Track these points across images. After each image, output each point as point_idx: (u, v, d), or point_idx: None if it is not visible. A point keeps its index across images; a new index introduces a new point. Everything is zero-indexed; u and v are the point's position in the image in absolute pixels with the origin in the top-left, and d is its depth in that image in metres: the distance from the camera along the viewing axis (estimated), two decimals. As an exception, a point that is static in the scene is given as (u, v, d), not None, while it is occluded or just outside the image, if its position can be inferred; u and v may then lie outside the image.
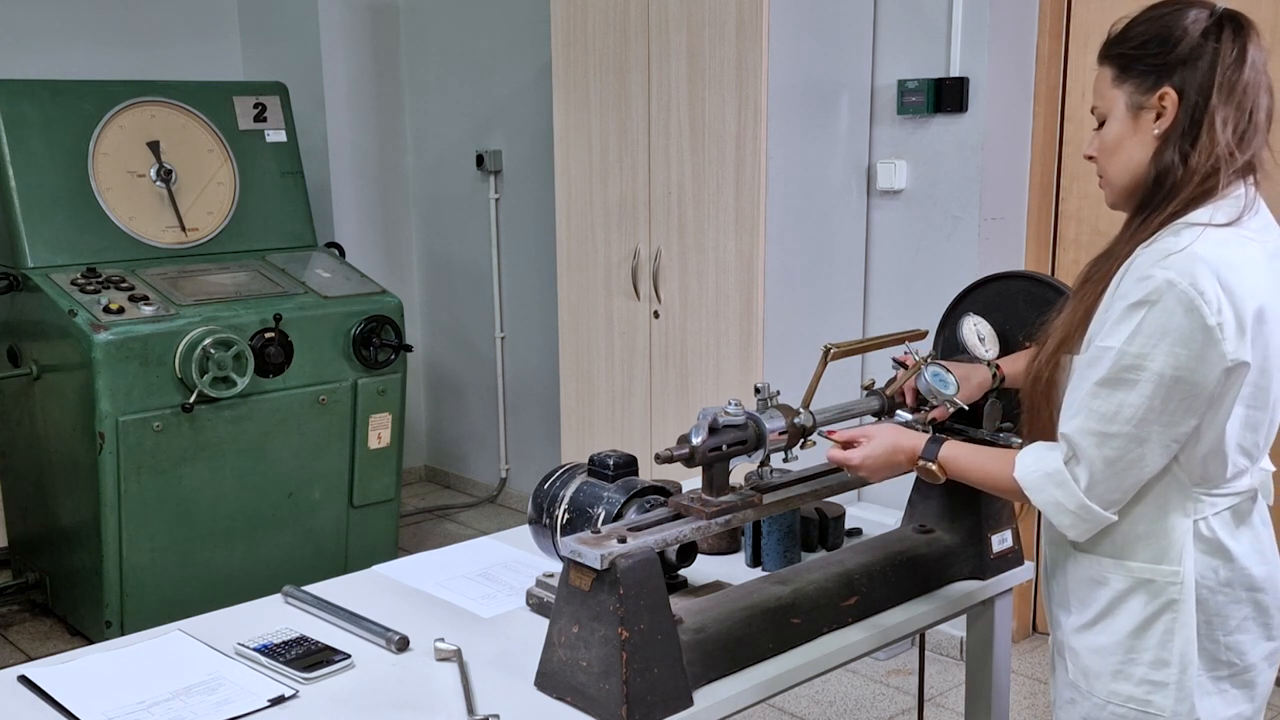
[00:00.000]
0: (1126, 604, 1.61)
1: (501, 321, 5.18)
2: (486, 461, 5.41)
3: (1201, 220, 1.53)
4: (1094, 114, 1.67)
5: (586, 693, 1.54)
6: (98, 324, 3.45)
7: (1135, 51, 1.60)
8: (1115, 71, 1.62)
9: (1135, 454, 1.52)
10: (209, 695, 1.61)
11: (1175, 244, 1.51)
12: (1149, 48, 1.59)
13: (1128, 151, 1.61)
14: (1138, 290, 1.51)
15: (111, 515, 3.54)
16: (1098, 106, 1.65)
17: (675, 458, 1.61)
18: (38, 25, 4.69)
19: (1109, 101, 1.63)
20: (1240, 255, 1.52)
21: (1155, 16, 1.61)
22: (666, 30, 3.48)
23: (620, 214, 3.73)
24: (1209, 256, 1.49)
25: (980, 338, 2.04)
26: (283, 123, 4.29)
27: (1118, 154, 1.62)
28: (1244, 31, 1.57)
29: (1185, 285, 1.47)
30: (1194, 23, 1.56)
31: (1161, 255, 1.51)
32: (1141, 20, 1.62)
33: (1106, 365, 1.52)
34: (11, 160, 3.72)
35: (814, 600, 1.81)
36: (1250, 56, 1.56)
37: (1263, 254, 1.56)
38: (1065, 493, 1.56)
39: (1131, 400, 1.50)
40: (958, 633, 3.52)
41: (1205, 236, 1.51)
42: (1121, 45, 1.62)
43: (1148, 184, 1.59)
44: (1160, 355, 1.48)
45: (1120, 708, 1.62)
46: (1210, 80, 1.55)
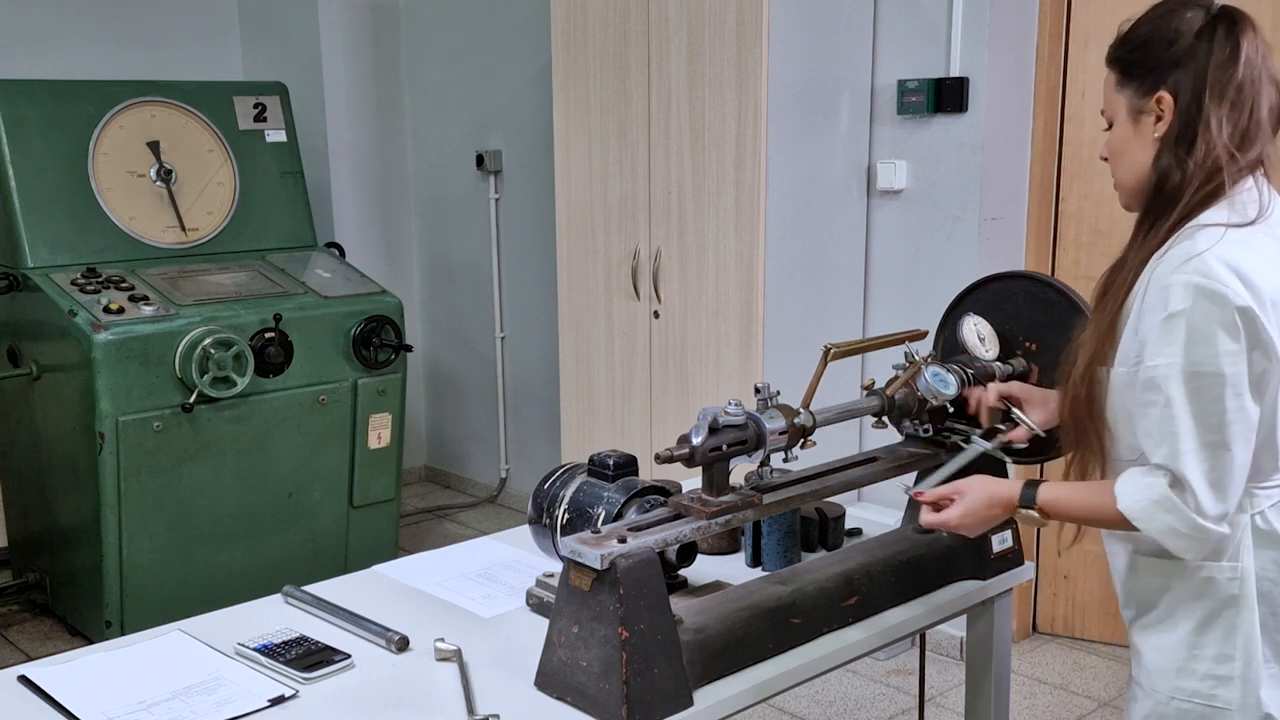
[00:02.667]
0: (1188, 603, 1.63)
1: (501, 321, 5.18)
2: (486, 461, 5.41)
3: (1218, 221, 1.53)
4: (1103, 116, 1.68)
5: (586, 693, 1.54)
6: (98, 324, 3.45)
7: (1134, 55, 1.60)
8: (1118, 75, 1.63)
9: (1229, 461, 1.52)
10: (209, 695, 1.61)
11: (1191, 249, 1.52)
12: (1146, 51, 1.59)
13: (1132, 155, 1.62)
14: (1166, 302, 1.51)
15: (111, 515, 3.54)
16: (1105, 109, 1.66)
17: (675, 458, 1.61)
18: (38, 25, 4.69)
19: (1114, 105, 1.64)
20: (1258, 253, 1.52)
21: (1153, 17, 1.60)
22: (666, 30, 3.48)
23: (620, 214, 3.73)
24: (1226, 256, 1.50)
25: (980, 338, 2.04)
26: (283, 123, 4.29)
27: (1123, 157, 1.64)
28: (1237, 28, 1.55)
29: (1204, 281, 1.48)
30: (1189, 23, 1.56)
31: (1180, 261, 1.52)
32: (1142, 22, 1.62)
33: (1174, 384, 1.51)
34: (11, 160, 3.72)
35: (814, 600, 1.81)
36: (1244, 53, 1.54)
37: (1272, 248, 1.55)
38: (1177, 517, 1.53)
39: (1209, 409, 1.50)
40: (958, 633, 3.52)
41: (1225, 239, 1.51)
42: (1123, 49, 1.62)
43: (1151, 188, 1.60)
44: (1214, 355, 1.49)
45: (1185, 703, 1.63)
46: (1202, 81, 1.54)
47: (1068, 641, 3.79)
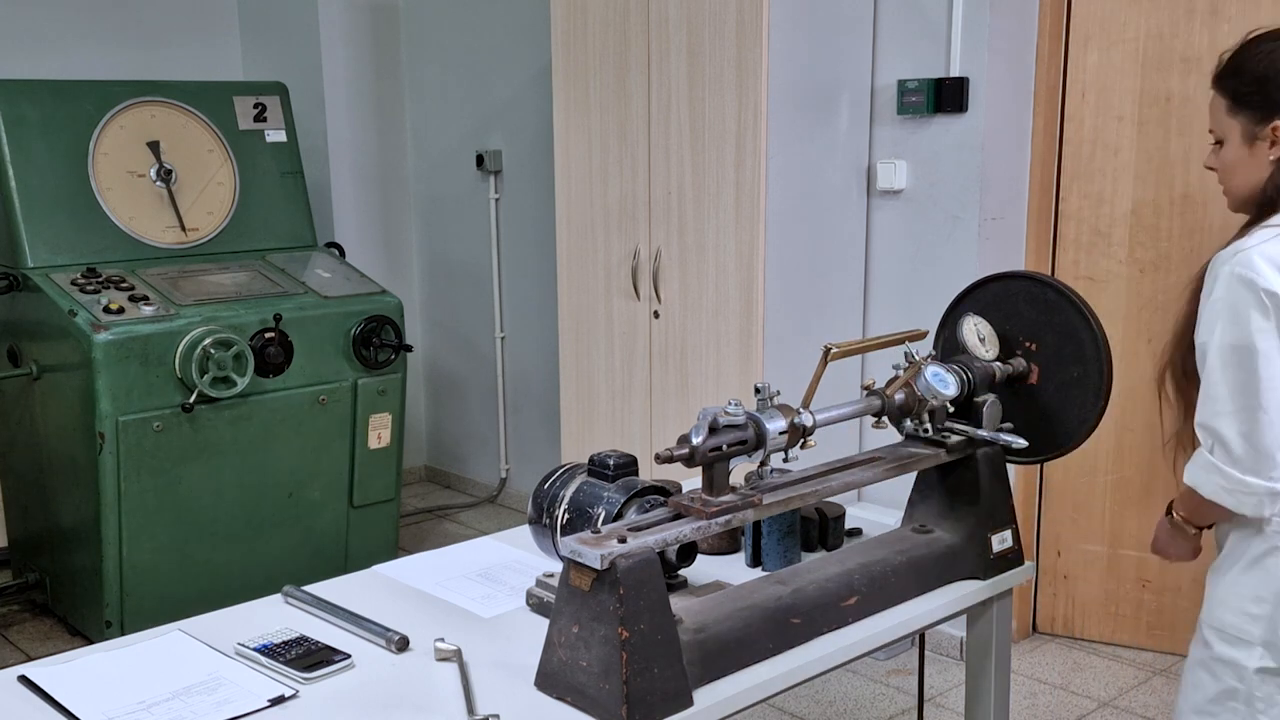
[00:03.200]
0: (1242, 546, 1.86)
1: (501, 321, 5.18)
2: (486, 461, 5.41)
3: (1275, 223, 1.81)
4: (1211, 134, 1.93)
5: (586, 693, 1.54)
6: (98, 324, 3.45)
7: (1247, 89, 1.86)
8: (1229, 103, 1.88)
9: (1264, 422, 1.74)
10: (209, 695, 1.61)
11: (1243, 244, 1.79)
12: (1260, 85, 1.85)
13: (1245, 173, 1.88)
14: (1213, 288, 1.79)
15: (111, 515, 3.54)
16: (1215, 129, 1.92)
17: (675, 458, 1.61)
18: (38, 25, 4.69)
19: (1225, 128, 1.89)
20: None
21: (1263, 53, 1.88)
22: (666, 30, 3.48)
23: (620, 214, 3.73)
24: (1268, 251, 1.76)
25: (980, 338, 2.04)
26: (283, 123, 4.29)
27: (1236, 173, 1.90)
28: None
29: (1241, 270, 1.75)
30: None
31: (1231, 254, 1.79)
32: (1251, 55, 1.89)
33: (1207, 355, 1.78)
34: (11, 160, 3.72)
35: (814, 600, 1.81)
36: None
37: None
38: (1221, 475, 1.77)
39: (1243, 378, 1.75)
40: (958, 633, 3.52)
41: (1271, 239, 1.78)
42: (1235, 80, 1.88)
43: (1265, 198, 1.85)
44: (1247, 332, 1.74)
45: (1220, 633, 1.90)
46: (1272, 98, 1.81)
47: (1068, 641, 3.79)
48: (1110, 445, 3.63)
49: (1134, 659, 3.66)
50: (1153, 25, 3.41)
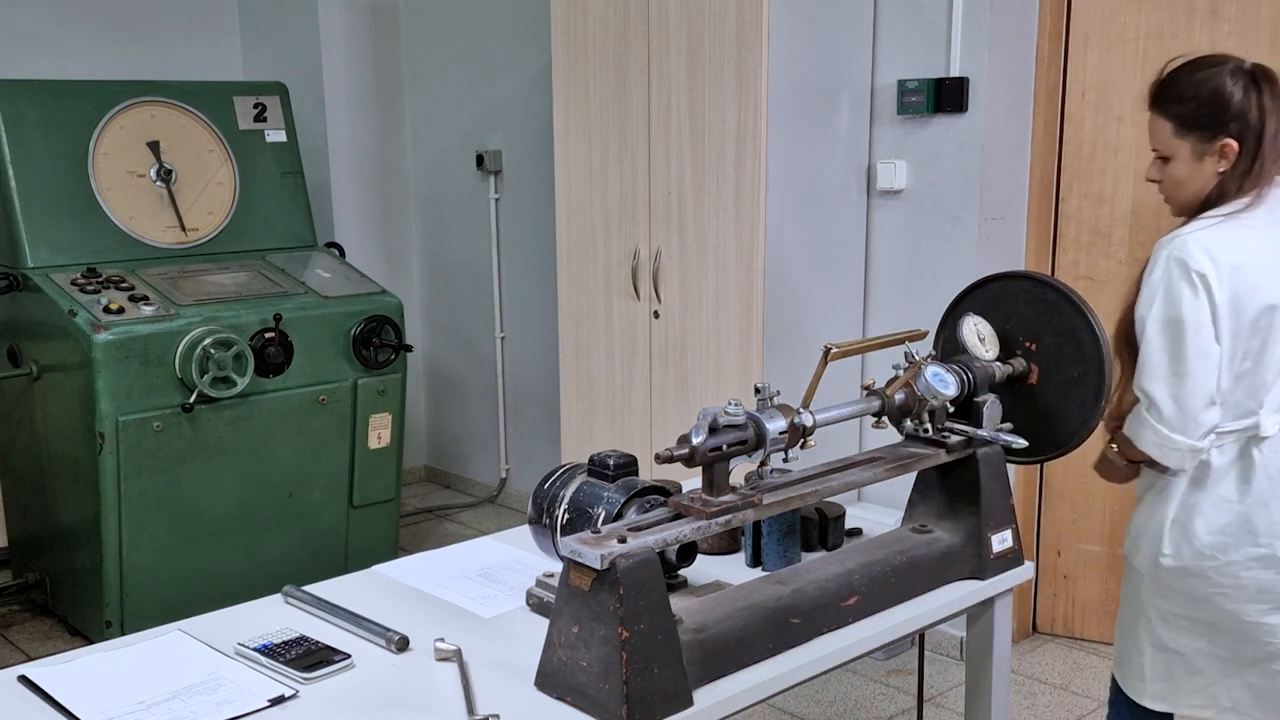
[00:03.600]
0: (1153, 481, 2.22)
1: (501, 321, 5.18)
2: (486, 461, 5.41)
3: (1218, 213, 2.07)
4: (1155, 151, 2.16)
5: (586, 693, 1.54)
6: (98, 324, 3.45)
7: (1194, 114, 2.09)
8: (1175, 126, 2.11)
9: (1190, 386, 2.02)
10: (209, 695, 1.61)
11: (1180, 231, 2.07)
12: (1205, 109, 2.08)
13: (1194, 185, 2.13)
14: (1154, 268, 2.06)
15: (111, 515, 3.54)
16: (1160, 149, 2.14)
17: (675, 458, 1.61)
18: (38, 25, 4.69)
19: (1172, 148, 2.13)
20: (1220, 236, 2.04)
21: (1202, 80, 2.10)
22: (666, 30, 3.48)
23: (620, 214, 3.73)
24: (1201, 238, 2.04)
25: (980, 338, 2.04)
26: (283, 123, 4.29)
27: (1186, 186, 2.14)
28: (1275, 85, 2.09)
29: (1177, 253, 2.03)
30: (1235, 82, 2.07)
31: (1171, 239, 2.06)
32: (1189, 81, 2.11)
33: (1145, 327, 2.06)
34: (11, 160, 3.72)
35: (814, 600, 1.81)
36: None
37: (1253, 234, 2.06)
38: (1152, 431, 2.06)
39: (1166, 346, 2.04)
40: (958, 633, 3.52)
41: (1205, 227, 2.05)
42: (1180, 105, 2.10)
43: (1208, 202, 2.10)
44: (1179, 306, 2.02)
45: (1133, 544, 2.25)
46: (1261, 127, 2.06)
47: (1068, 641, 3.79)
48: (1110, 445, 3.63)
49: (1134, 659, 3.66)
50: (1153, 25, 3.41)
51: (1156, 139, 2.15)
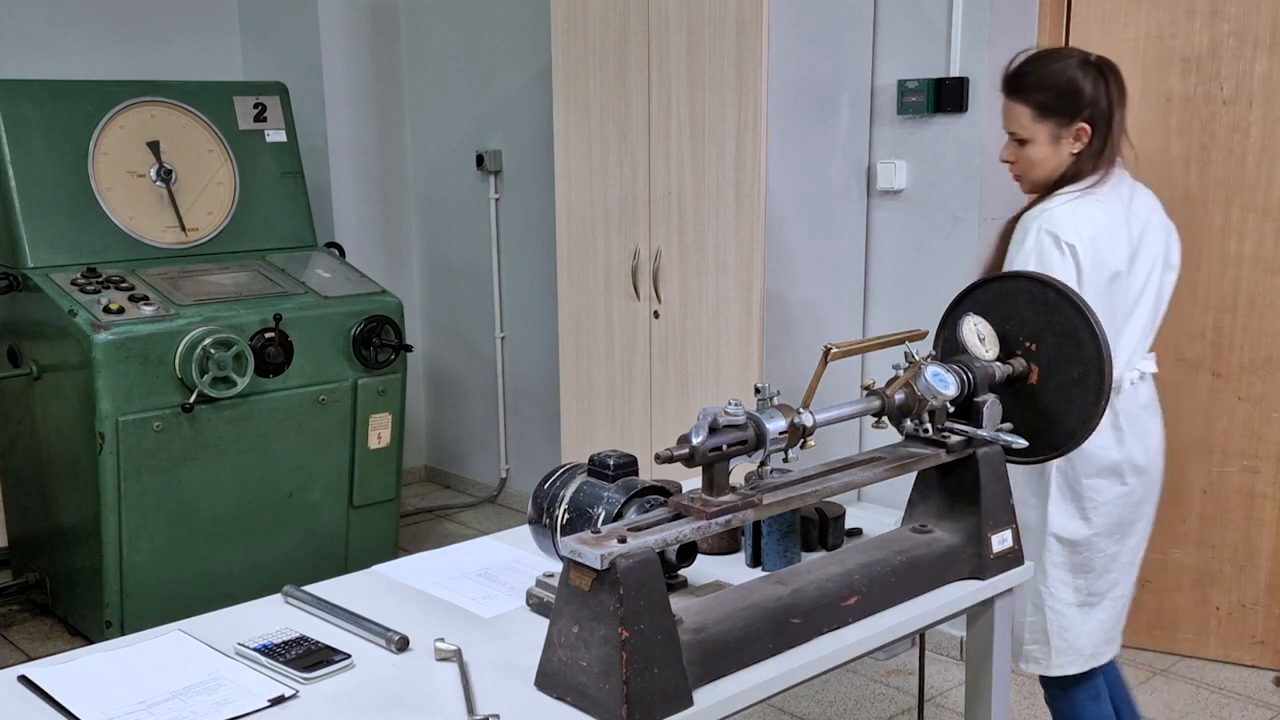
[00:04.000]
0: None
1: (501, 321, 5.18)
2: (486, 461, 5.41)
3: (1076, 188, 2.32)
4: (1013, 135, 2.38)
5: (586, 693, 1.54)
6: (98, 324, 3.45)
7: (1053, 101, 2.32)
8: (1035, 112, 2.34)
9: None
10: (209, 695, 1.61)
11: (1047, 205, 2.30)
12: (1062, 97, 2.31)
13: (1050, 165, 2.36)
14: (1025, 237, 2.29)
15: (111, 515, 3.54)
16: (1018, 131, 2.37)
17: (675, 458, 1.61)
18: (38, 25, 4.69)
19: (1032, 132, 2.35)
20: (1082, 210, 2.29)
21: (1059, 70, 2.33)
22: (666, 30, 3.48)
23: (620, 214, 3.73)
24: (1066, 210, 2.28)
25: (980, 338, 2.04)
26: (283, 123, 4.29)
27: (1041, 167, 2.37)
28: (1118, 74, 2.37)
29: (1048, 225, 2.26)
30: (1086, 73, 2.32)
31: (1039, 212, 2.30)
32: (1047, 71, 2.34)
33: None
34: (11, 160, 3.72)
35: (814, 600, 1.81)
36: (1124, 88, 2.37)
37: (1103, 208, 2.31)
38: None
39: None
40: (958, 633, 3.52)
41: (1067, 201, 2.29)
42: (1040, 94, 2.33)
43: (1061, 179, 2.34)
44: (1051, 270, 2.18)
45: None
46: (1110, 113, 2.33)
47: (1068, 641, 3.79)
48: (1110, 445, 3.63)
49: (1134, 659, 3.66)
50: (1153, 25, 3.41)
51: (1015, 123, 2.37)
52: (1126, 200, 2.39)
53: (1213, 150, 3.41)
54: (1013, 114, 2.38)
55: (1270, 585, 3.53)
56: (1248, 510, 3.52)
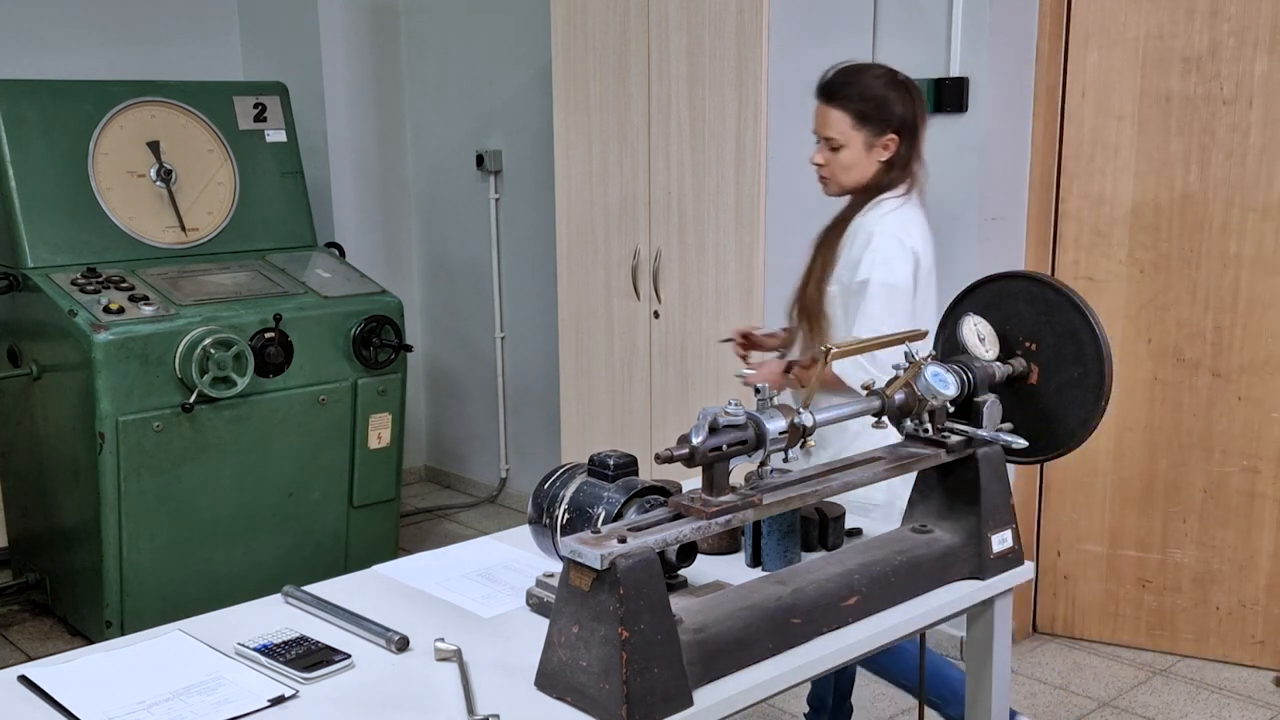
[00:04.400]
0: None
1: (501, 321, 5.18)
2: (486, 461, 5.41)
3: (896, 196, 2.55)
4: (827, 141, 2.54)
5: (586, 693, 1.54)
6: (98, 324, 3.45)
7: (870, 110, 2.50)
8: (853, 119, 2.51)
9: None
10: (209, 695, 1.61)
11: (885, 209, 2.53)
12: (879, 106, 2.50)
13: (859, 171, 2.56)
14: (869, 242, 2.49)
15: (111, 515, 3.54)
16: (835, 137, 2.53)
17: (675, 458, 1.61)
18: (38, 25, 4.69)
19: (847, 138, 2.53)
20: (910, 216, 2.55)
21: (875, 83, 2.52)
22: (666, 30, 3.48)
23: (620, 214, 3.73)
24: (902, 218, 2.53)
25: (980, 338, 2.04)
26: (283, 123, 4.29)
27: (852, 172, 2.56)
28: (921, 93, 2.58)
29: (895, 230, 2.50)
30: (897, 89, 2.52)
31: (878, 219, 2.51)
32: (866, 83, 2.52)
33: (867, 290, 2.47)
34: (11, 160, 3.72)
35: (814, 600, 1.81)
36: (926, 104, 2.58)
37: (921, 215, 2.59)
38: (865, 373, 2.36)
39: (888, 306, 2.47)
40: (958, 633, 3.52)
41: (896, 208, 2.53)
42: (861, 103, 2.50)
43: (871, 186, 2.55)
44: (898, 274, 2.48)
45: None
46: (916, 126, 2.54)
47: (1068, 641, 3.79)
48: (1110, 445, 3.63)
49: (1134, 659, 3.66)
50: (1153, 25, 3.41)
51: (832, 128, 2.53)
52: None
53: (1213, 150, 3.41)
54: (830, 120, 2.53)
55: (1270, 585, 3.53)
56: (1248, 510, 3.52)
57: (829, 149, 2.56)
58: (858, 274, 2.49)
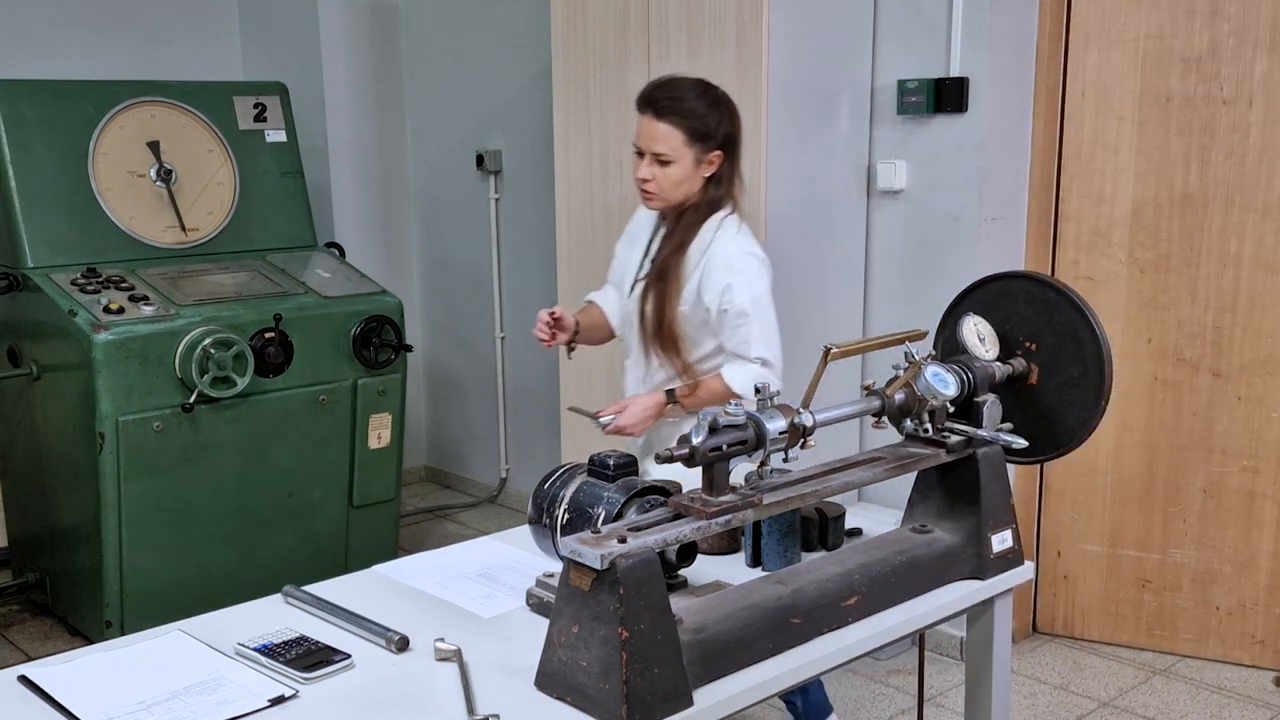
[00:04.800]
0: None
1: (501, 321, 5.18)
2: (486, 461, 5.41)
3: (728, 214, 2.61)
4: (656, 156, 2.53)
5: (586, 693, 1.54)
6: (98, 324, 3.45)
7: (700, 127, 2.52)
8: (686, 136, 2.52)
9: (778, 344, 2.60)
10: (209, 695, 1.61)
11: (732, 232, 2.60)
12: (708, 124, 2.52)
13: (687, 187, 2.58)
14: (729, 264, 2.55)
15: (111, 515, 3.54)
16: (665, 154, 2.53)
17: (675, 458, 1.61)
18: (38, 25, 4.69)
19: (679, 154, 2.53)
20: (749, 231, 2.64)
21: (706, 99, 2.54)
22: (666, 30, 3.48)
23: (620, 214, 3.73)
24: (747, 234, 2.63)
25: (980, 338, 2.04)
26: (283, 123, 4.29)
27: (680, 188, 2.57)
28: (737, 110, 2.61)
29: (749, 248, 2.60)
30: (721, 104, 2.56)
31: (729, 239, 2.58)
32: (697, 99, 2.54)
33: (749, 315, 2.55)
34: (11, 160, 3.72)
35: (814, 600, 1.81)
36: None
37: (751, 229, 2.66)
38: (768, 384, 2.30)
39: (769, 320, 2.59)
40: (958, 633, 3.52)
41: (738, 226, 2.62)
42: (694, 120, 2.51)
43: (698, 203, 2.59)
44: (764, 289, 2.59)
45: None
46: (737, 143, 2.60)
47: (1068, 641, 3.80)
48: (1110, 445, 3.63)
49: (1134, 659, 3.66)
50: (1153, 25, 3.41)
51: (662, 143, 2.52)
52: None
53: (1213, 150, 3.41)
54: (659, 135, 2.52)
55: (1270, 585, 3.53)
56: (1248, 510, 3.52)
57: (657, 164, 2.54)
58: (732, 301, 2.55)
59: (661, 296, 2.62)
